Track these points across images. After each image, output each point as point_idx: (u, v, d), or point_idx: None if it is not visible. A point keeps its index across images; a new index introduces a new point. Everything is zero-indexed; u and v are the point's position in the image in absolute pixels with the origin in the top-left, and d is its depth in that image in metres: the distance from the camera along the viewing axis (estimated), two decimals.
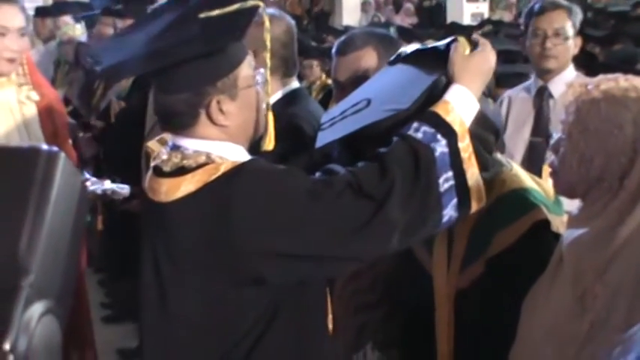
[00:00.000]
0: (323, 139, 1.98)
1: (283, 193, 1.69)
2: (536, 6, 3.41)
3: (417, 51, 2.03)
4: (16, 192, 1.10)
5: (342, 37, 2.42)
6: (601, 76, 1.61)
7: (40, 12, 6.65)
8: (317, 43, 7.96)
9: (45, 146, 1.12)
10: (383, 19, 13.88)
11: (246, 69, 1.79)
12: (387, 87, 1.99)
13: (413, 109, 1.80)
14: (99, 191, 3.00)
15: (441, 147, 1.73)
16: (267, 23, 1.84)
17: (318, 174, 1.79)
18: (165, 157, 1.79)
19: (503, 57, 5.29)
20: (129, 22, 4.27)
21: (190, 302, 1.75)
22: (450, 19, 12.74)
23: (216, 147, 1.77)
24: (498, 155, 1.99)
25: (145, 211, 1.86)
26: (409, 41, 2.46)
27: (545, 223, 1.83)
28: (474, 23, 11.48)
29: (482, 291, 1.87)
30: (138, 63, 1.76)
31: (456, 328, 1.95)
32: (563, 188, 1.66)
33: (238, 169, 1.70)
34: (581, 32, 3.46)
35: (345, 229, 1.69)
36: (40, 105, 3.06)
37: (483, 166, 1.80)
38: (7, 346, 1.01)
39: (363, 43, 2.32)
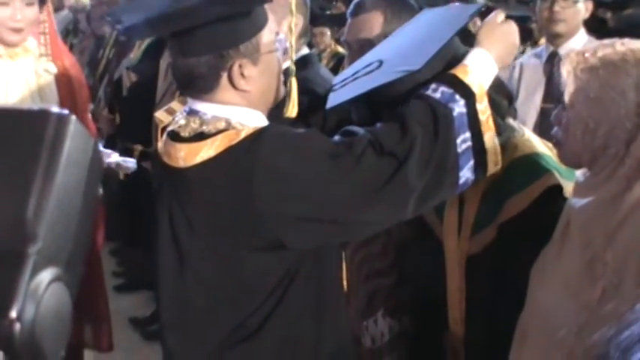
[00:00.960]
0: (334, 99, 1.97)
1: (305, 156, 1.69)
2: None
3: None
4: (24, 154, 1.07)
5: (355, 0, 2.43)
6: (597, 43, 1.59)
7: None
8: (326, 9, 7.91)
9: (55, 108, 1.10)
10: None
11: (267, 34, 1.78)
12: (401, 47, 1.98)
13: (425, 70, 1.79)
14: (104, 165, 3.00)
15: (459, 107, 1.73)
16: None
17: (337, 137, 1.78)
18: (183, 122, 1.78)
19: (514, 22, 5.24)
20: None
21: (209, 267, 1.76)
22: None
23: (236, 112, 1.76)
24: (510, 121, 1.98)
25: (160, 177, 1.85)
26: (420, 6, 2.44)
27: (558, 188, 1.82)
28: None
29: (493, 257, 1.87)
30: (160, 23, 1.74)
31: (468, 294, 1.95)
32: (569, 159, 1.65)
33: (259, 134, 1.69)
34: None
35: (367, 190, 1.68)
36: (58, 77, 3.03)
37: (497, 131, 1.79)
38: (13, 314, 0.98)
39: (372, 5, 2.33)
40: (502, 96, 1.88)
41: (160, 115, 2.23)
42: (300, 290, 1.78)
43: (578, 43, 3.21)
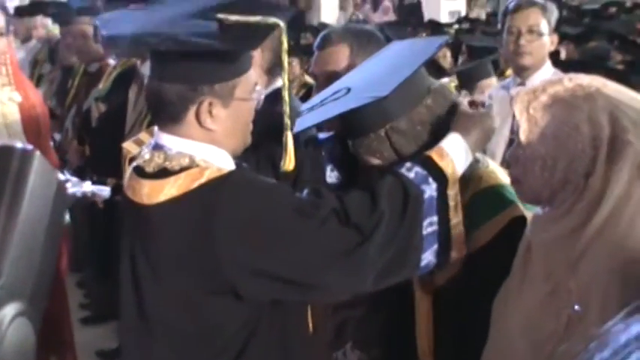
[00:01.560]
0: (301, 124, 1.97)
1: (269, 207, 1.67)
2: (511, 4, 3.44)
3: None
4: None
5: (323, 32, 2.44)
6: (545, 80, 1.62)
7: (18, 11, 6.60)
8: (295, 40, 7.96)
9: (19, 144, 1.10)
10: (361, 17, 13.89)
11: (246, 82, 1.77)
12: (369, 76, 2.00)
13: (392, 97, 1.80)
14: (79, 194, 2.98)
15: (430, 190, 1.74)
16: (285, 44, 1.83)
17: (306, 192, 1.77)
18: (147, 156, 1.76)
19: (479, 54, 5.32)
20: None
21: (168, 306, 1.73)
22: (427, 16, 12.77)
23: (201, 149, 1.74)
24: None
25: (125, 212, 1.83)
26: (388, 39, 2.47)
27: (522, 220, 1.83)
28: (452, 21, 11.53)
29: (460, 288, 1.87)
30: (144, 41, 1.73)
31: (436, 325, 1.95)
32: (528, 196, 1.66)
33: (224, 179, 1.68)
34: (557, 30, 3.49)
35: (327, 256, 1.67)
36: (22, 106, 3.03)
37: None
38: None
39: (338, 39, 2.33)
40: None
41: (128, 145, 2.22)
42: (264, 336, 1.76)
43: (545, 75, 3.25)
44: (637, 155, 1.48)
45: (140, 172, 1.75)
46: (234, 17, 1.72)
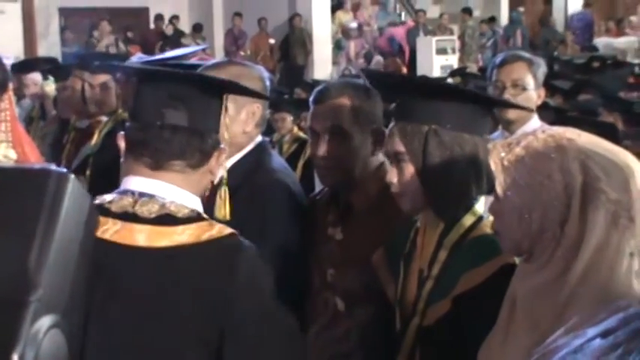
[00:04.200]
0: None
1: (268, 289, 1.79)
2: (498, 59, 3.52)
3: None
4: (27, 210, 1.15)
5: (319, 87, 2.46)
6: (520, 133, 1.66)
7: (11, 69, 6.65)
8: (288, 95, 8.07)
9: (55, 167, 1.17)
10: (354, 72, 14.07)
11: (215, 162, 1.84)
12: None
13: (457, 107, 1.97)
14: None
15: None
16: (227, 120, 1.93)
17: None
18: (128, 200, 1.76)
19: None
20: (101, 77, 4.30)
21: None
22: (420, 71, 12.95)
23: (179, 194, 1.78)
24: (480, 208, 2.02)
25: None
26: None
27: (513, 267, 1.86)
28: (444, 75, 11.68)
29: (447, 330, 1.89)
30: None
31: None
32: (509, 247, 1.69)
33: (240, 243, 1.77)
34: (546, 84, 3.55)
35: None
36: (18, 163, 3.04)
37: (468, 207, 1.90)
38: (15, 358, 1.05)
39: (337, 92, 2.35)
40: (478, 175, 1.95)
41: None
42: None
43: (531, 128, 3.30)
44: (610, 203, 1.51)
45: (129, 216, 1.74)
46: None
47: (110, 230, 1.72)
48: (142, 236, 1.73)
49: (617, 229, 1.51)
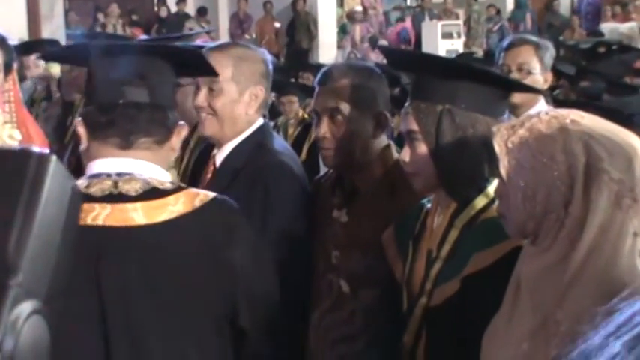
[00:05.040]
0: None
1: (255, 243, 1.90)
2: (505, 42, 3.50)
3: None
4: (5, 192, 1.11)
5: (324, 68, 2.46)
6: (524, 115, 1.67)
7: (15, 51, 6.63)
8: (294, 78, 8.06)
9: (36, 148, 1.15)
10: (359, 56, 14.03)
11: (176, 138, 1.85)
12: None
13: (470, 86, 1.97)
14: None
15: None
16: None
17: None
18: (107, 183, 1.73)
19: None
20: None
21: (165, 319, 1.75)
22: None
23: (154, 170, 1.79)
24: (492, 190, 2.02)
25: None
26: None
27: None
28: None
29: (455, 310, 1.88)
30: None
31: (429, 348, 1.95)
32: (514, 230, 1.69)
33: (226, 200, 1.84)
34: (553, 68, 3.53)
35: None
36: (22, 144, 3.04)
37: (480, 189, 1.91)
38: None
39: (340, 74, 2.35)
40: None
41: None
42: None
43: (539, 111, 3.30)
44: (613, 183, 1.52)
45: (114, 197, 1.72)
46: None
47: (102, 215, 1.70)
48: (137, 214, 1.71)
49: (621, 209, 1.52)
